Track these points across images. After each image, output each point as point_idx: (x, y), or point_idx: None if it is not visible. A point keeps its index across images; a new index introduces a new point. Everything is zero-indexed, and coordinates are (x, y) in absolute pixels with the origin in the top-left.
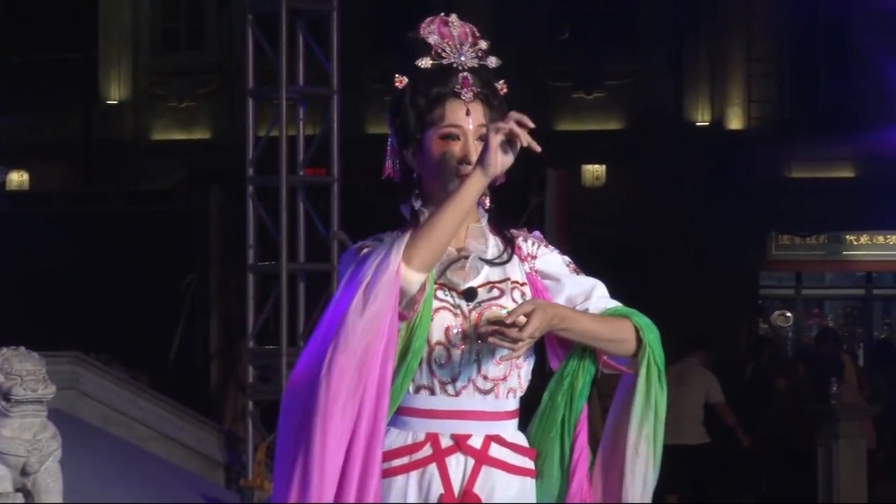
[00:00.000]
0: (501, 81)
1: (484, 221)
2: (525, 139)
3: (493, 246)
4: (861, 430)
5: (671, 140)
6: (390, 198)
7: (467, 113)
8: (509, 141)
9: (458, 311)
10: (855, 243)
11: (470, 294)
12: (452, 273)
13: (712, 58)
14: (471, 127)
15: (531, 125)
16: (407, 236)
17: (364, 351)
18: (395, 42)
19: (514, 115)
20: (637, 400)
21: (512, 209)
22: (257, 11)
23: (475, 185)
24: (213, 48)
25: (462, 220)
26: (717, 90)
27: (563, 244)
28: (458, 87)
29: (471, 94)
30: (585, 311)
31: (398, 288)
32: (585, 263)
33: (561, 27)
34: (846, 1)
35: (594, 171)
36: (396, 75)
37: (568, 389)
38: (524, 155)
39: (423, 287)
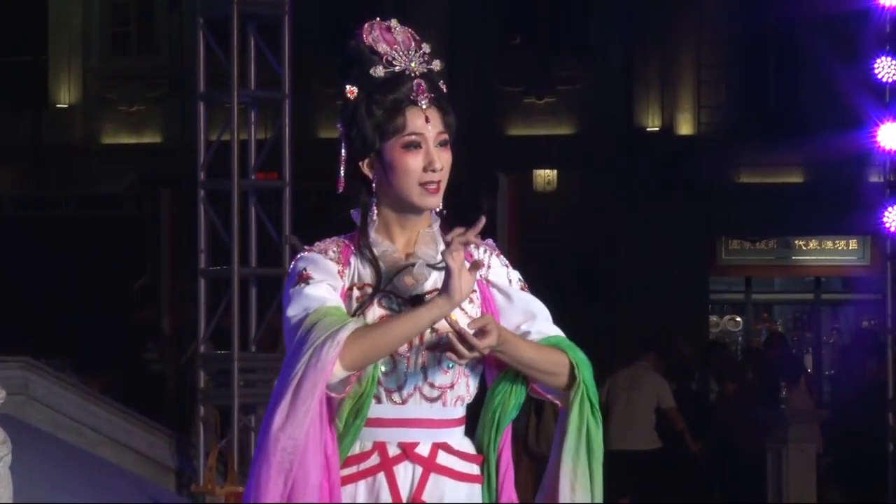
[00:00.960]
0: (441, 81)
1: (436, 226)
2: (473, 239)
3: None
4: (810, 434)
5: (622, 145)
6: (342, 202)
7: (427, 120)
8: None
9: None
10: (804, 248)
11: (416, 301)
12: (399, 280)
13: (662, 63)
14: (431, 134)
15: (472, 237)
16: (347, 329)
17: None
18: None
19: (457, 233)
20: (569, 441)
21: (463, 214)
22: (208, 15)
23: (436, 313)
24: (163, 52)
25: (411, 338)
26: (667, 95)
27: (514, 249)
28: (414, 94)
29: (426, 100)
30: (526, 335)
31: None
32: (537, 268)
33: (512, 32)
34: (795, 7)
35: (545, 176)
36: (347, 86)
37: (497, 408)
38: (474, 159)
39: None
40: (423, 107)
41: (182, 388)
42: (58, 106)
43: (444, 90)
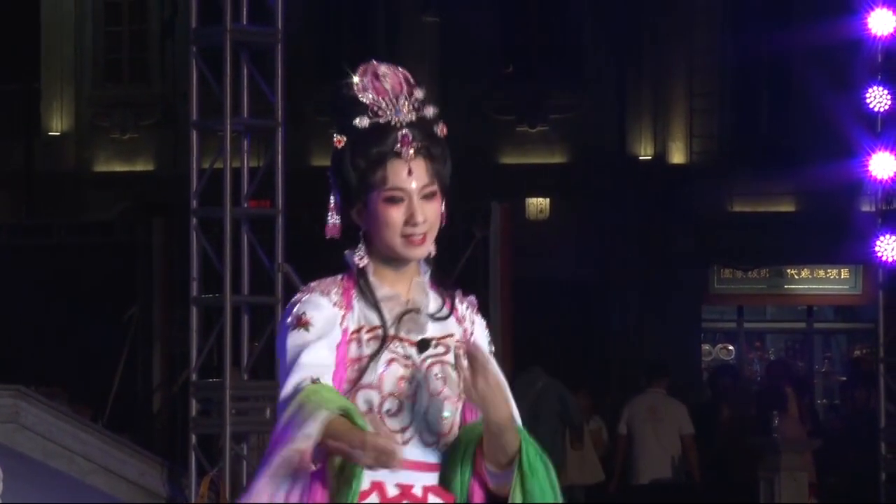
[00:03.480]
0: (440, 124)
1: (426, 277)
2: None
3: (433, 301)
4: (803, 462)
5: (614, 174)
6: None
7: (409, 173)
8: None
9: (409, 363)
10: (796, 277)
11: (423, 345)
12: (405, 325)
13: (655, 92)
14: (414, 187)
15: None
16: (315, 426)
17: None
18: (340, 75)
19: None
20: None
21: (456, 243)
22: (201, 43)
23: (341, 450)
24: (156, 80)
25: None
26: (659, 124)
27: (507, 277)
28: (398, 146)
29: (411, 151)
30: None
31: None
32: (529, 296)
33: (505, 61)
34: (786, 37)
35: (538, 205)
36: (335, 135)
37: (469, 446)
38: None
39: None
40: (407, 158)
41: (173, 416)
42: (50, 133)
43: (441, 130)
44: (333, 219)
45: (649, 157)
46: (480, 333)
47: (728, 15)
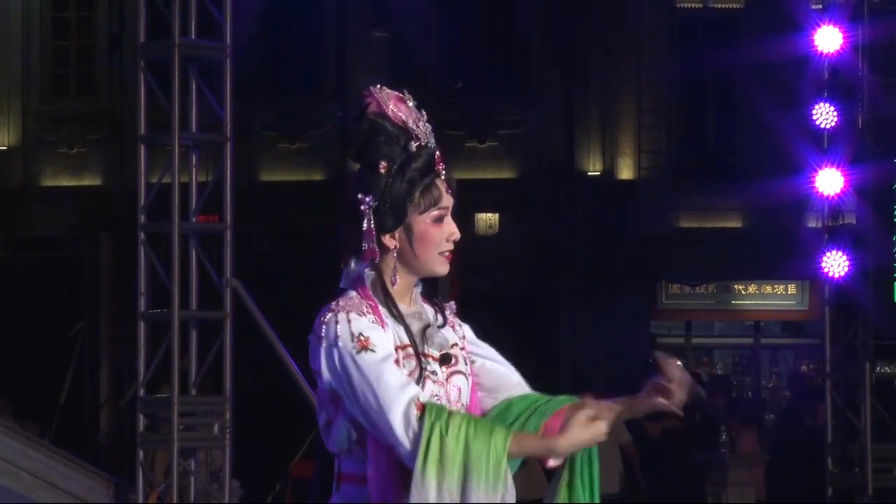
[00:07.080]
0: None
1: (418, 290)
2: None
3: (430, 312)
4: (751, 478)
5: (563, 189)
6: (282, 247)
7: (447, 191)
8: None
9: (437, 379)
10: (743, 293)
11: (446, 359)
12: (427, 340)
13: (603, 108)
14: (450, 205)
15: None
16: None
17: None
18: (289, 90)
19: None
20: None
21: None
22: (149, 57)
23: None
24: (104, 94)
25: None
26: (607, 140)
27: (455, 292)
28: (438, 166)
29: (444, 170)
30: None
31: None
32: (478, 312)
33: (454, 76)
34: (733, 54)
35: (487, 220)
36: (381, 162)
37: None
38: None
39: None
40: (444, 178)
41: (120, 432)
42: None
43: None
44: (371, 244)
45: (598, 173)
46: (470, 334)
47: (675, 32)
